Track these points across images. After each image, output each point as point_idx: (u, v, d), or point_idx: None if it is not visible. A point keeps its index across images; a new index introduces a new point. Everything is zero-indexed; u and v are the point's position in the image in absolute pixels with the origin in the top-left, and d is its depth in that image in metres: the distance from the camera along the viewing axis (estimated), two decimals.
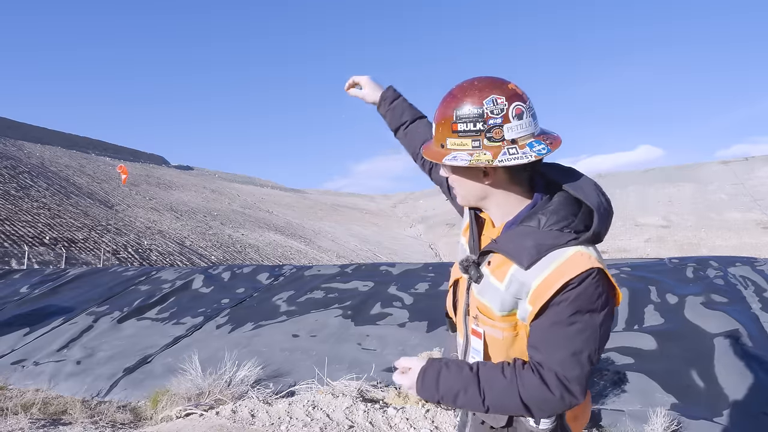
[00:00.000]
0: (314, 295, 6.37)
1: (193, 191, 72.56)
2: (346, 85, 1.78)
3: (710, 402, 3.33)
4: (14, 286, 8.69)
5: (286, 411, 3.64)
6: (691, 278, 5.41)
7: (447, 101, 1.18)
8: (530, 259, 1.12)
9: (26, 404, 4.14)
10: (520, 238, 1.16)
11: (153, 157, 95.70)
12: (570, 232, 1.13)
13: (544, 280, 1.10)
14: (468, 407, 1.19)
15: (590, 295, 1.09)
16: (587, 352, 1.11)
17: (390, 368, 4.37)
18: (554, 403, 1.12)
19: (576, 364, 1.10)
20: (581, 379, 1.11)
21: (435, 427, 3.38)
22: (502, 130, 1.12)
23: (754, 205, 67.27)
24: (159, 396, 4.12)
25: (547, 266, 1.11)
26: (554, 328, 1.11)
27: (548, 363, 1.12)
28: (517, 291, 1.15)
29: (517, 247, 1.15)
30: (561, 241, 1.12)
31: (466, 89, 1.16)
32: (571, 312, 1.09)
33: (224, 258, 40.59)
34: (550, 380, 1.11)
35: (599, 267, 1.10)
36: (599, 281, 1.10)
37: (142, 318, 6.41)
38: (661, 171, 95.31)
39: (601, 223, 1.14)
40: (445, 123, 1.17)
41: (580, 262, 1.10)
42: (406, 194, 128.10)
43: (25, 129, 69.98)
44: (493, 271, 1.20)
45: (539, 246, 1.12)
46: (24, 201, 37.03)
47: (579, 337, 1.10)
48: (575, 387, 1.11)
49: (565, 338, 1.10)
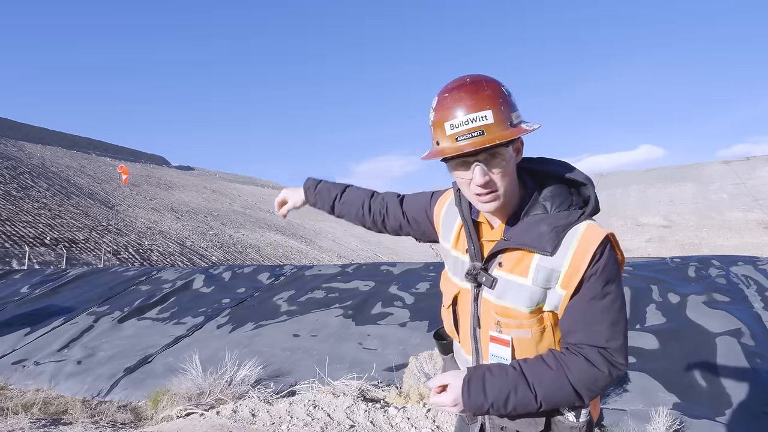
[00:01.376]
0: (315, 294, 6.37)
1: (194, 191, 72.58)
2: (276, 208, 1.82)
3: (712, 401, 3.32)
4: (15, 287, 8.70)
5: (287, 410, 3.63)
6: (693, 277, 5.40)
7: (488, 85, 1.17)
8: (553, 244, 1.15)
9: (27, 404, 4.13)
10: (534, 226, 1.18)
11: (153, 158, 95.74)
12: (576, 209, 1.21)
13: (572, 259, 1.15)
14: (520, 408, 1.16)
15: (612, 263, 1.16)
16: (622, 321, 1.17)
17: (391, 368, 4.36)
18: (604, 380, 1.14)
19: (617, 334, 1.15)
20: (623, 348, 1.16)
21: (436, 427, 3.37)
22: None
23: (756, 204, 67.18)
24: (160, 396, 4.12)
25: (569, 246, 1.15)
26: (591, 304, 1.15)
27: (588, 340, 1.15)
28: (545, 280, 1.17)
29: (535, 236, 1.17)
30: (573, 218, 1.18)
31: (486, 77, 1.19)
32: (603, 284, 1.14)
33: (225, 258, 40.59)
34: (595, 358, 1.14)
35: (610, 233, 1.18)
36: (613, 248, 1.17)
37: (142, 318, 6.40)
38: (663, 171, 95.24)
39: (595, 192, 1.23)
40: (503, 102, 1.16)
41: (595, 233, 1.16)
42: None
43: (26, 129, 70.03)
44: (512, 269, 1.20)
45: (556, 228, 1.17)
46: (25, 201, 37.06)
47: (613, 307, 1.15)
48: (620, 358, 1.15)
49: (602, 311, 1.15)
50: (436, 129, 1.19)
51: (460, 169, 1.20)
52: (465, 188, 1.23)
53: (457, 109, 1.15)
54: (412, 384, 3.90)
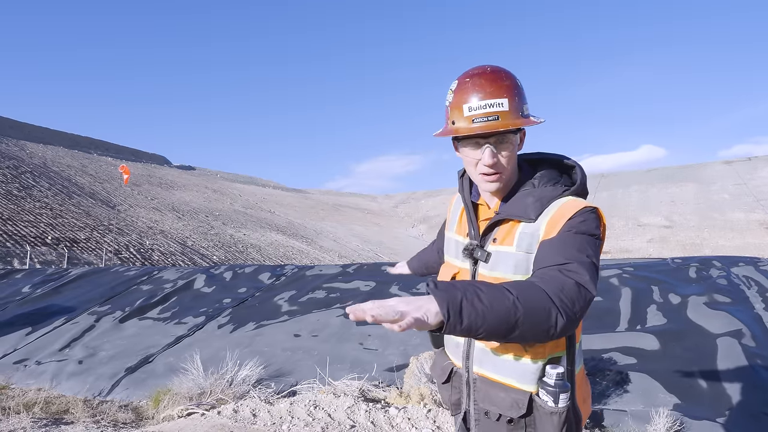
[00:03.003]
0: (316, 294, 6.37)
1: (195, 191, 72.62)
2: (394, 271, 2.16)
3: (713, 402, 3.32)
4: (16, 286, 8.71)
5: (288, 411, 3.63)
6: (694, 278, 5.39)
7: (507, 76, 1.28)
8: (536, 212, 1.26)
9: (28, 403, 4.14)
10: (521, 199, 1.30)
11: (155, 157, 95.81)
12: (562, 186, 1.31)
13: (551, 219, 1.24)
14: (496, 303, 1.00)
15: (591, 222, 1.21)
16: (594, 259, 1.17)
17: (391, 368, 4.37)
18: (571, 288, 1.08)
19: (585, 257, 1.15)
20: (590, 270, 1.14)
21: (437, 427, 3.37)
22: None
23: (757, 205, 67.07)
24: (161, 395, 4.12)
25: (550, 212, 1.25)
26: (562, 237, 1.19)
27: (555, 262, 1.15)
28: (528, 244, 1.25)
29: (521, 207, 1.28)
30: (557, 192, 1.29)
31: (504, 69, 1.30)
32: (576, 231, 1.20)
33: (226, 258, 40.62)
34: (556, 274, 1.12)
35: (592, 206, 1.24)
36: (597, 217, 1.24)
37: (143, 318, 6.41)
38: (664, 171, 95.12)
39: (583, 175, 1.33)
40: (518, 93, 1.28)
41: (578, 203, 1.25)
42: (407, 194, 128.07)
43: (28, 129, 70.12)
44: (502, 241, 1.29)
45: (541, 199, 1.27)
46: (26, 201, 37.11)
47: (587, 246, 1.18)
48: (584, 275, 1.12)
49: (574, 242, 1.18)
50: (453, 110, 1.29)
51: (470, 147, 1.30)
52: (471, 168, 1.33)
53: (477, 93, 1.25)
54: (413, 384, 3.91)
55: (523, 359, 1.25)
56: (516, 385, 1.26)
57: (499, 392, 1.28)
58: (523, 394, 1.25)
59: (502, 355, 1.28)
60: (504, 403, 1.27)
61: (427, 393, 3.72)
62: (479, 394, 1.33)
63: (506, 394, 1.27)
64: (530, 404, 1.24)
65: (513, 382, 1.27)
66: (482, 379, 1.32)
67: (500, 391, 1.28)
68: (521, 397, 1.25)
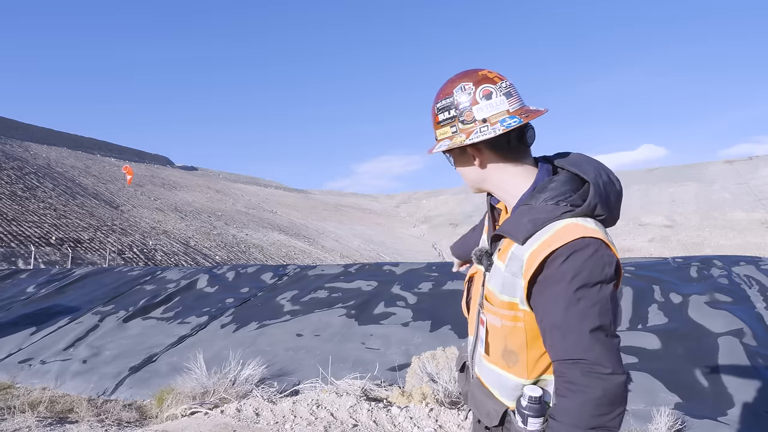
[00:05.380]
0: (318, 294, 6.39)
1: (198, 191, 72.73)
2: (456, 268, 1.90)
3: (714, 401, 3.33)
4: (21, 286, 8.76)
5: (291, 410, 3.65)
6: (695, 278, 5.40)
7: (434, 99, 1.29)
8: (526, 234, 1.13)
9: (33, 402, 4.17)
10: (519, 216, 1.18)
11: (158, 158, 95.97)
12: (565, 205, 1.14)
13: (533, 252, 1.11)
14: None
15: (590, 264, 1.06)
16: (603, 325, 1.05)
17: (393, 367, 4.39)
18: (602, 399, 1.02)
19: (593, 341, 1.04)
20: (606, 353, 1.03)
21: (439, 426, 3.39)
22: (471, 111, 1.20)
23: (759, 204, 66.87)
24: (164, 394, 4.15)
25: (538, 239, 1.11)
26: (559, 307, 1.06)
27: (564, 355, 1.06)
28: (514, 269, 1.15)
29: (515, 225, 1.17)
30: (555, 213, 1.12)
31: (443, 85, 1.27)
32: (575, 286, 1.05)
33: (228, 258, 40.68)
34: (577, 379, 1.04)
35: (594, 236, 1.08)
36: (598, 250, 1.07)
37: (147, 317, 6.44)
38: (665, 170, 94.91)
39: (597, 196, 1.13)
40: (432, 118, 1.28)
41: (571, 231, 1.08)
42: (409, 194, 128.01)
43: (31, 130, 70.32)
44: (500, 256, 1.22)
45: (535, 221, 1.13)
46: (30, 202, 37.22)
47: (590, 313, 1.04)
48: (605, 367, 1.02)
49: (575, 317, 1.05)
50: None
51: None
52: None
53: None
54: (415, 384, 3.92)
55: (506, 374, 1.22)
56: (497, 396, 1.24)
57: (483, 397, 1.28)
58: (500, 405, 1.23)
59: (490, 364, 1.27)
60: (483, 408, 1.27)
61: (429, 392, 3.73)
62: (472, 394, 1.35)
63: (488, 401, 1.26)
64: (503, 418, 1.22)
65: (495, 392, 1.25)
66: (477, 381, 1.33)
67: (485, 396, 1.28)
68: (498, 408, 1.23)
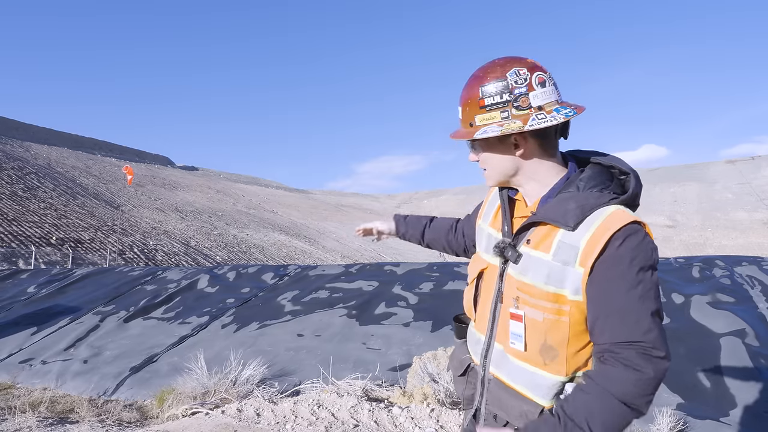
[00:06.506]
0: (319, 294, 6.38)
1: (198, 191, 72.78)
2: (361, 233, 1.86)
3: (716, 402, 3.32)
4: (22, 286, 8.76)
5: (292, 410, 3.65)
6: (697, 278, 5.38)
7: (471, 82, 1.22)
8: (576, 219, 1.13)
9: (34, 402, 4.17)
10: (562, 203, 1.17)
11: (158, 158, 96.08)
12: (609, 193, 1.18)
13: (592, 236, 1.10)
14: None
15: (643, 248, 1.09)
16: (658, 310, 1.08)
17: (395, 367, 4.38)
18: (651, 383, 1.05)
19: (654, 324, 1.06)
20: (661, 337, 1.06)
21: (440, 426, 3.38)
22: (528, 98, 1.17)
23: (761, 204, 66.77)
24: (165, 395, 4.14)
25: (592, 223, 1.12)
26: (620, 290, 1.07)
27: (621, 336, 1.07)
28: (565, 257, 1.13)
29: (560, 211, 1.16)
30: (603, 200, 1.15)
31: (487, 68, 1.21)
32: (635, 270, 1.07)
33: (229, 258, 40.69)
34: (633, 359, 1.05)
35: (642, 223, 1.12)
36: (646, 235, 1.11)
37: (148, 317, 6.44)
38: (667, 170, 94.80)
39: (638, 185, 1.19)
40: (471, 102, 1.22)
41: (622, 216, 1.11)
42: (410, 194, 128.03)
43: (32, 130, 70.43)
44: (537, 245, 1.19)
45: (583, 206, 1.14)
46: (31, 202, 37.26)
47: (648, 295, 1.07)
48: (660, 350, 1.05)
49: (637, 299, 1.06)
50: None
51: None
52: None
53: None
54: (416, 384, 3.91)
55: (542, 372, 1.18)
56: (529, 396, 1.19)
57: (510, 399, 1.22)
58: (534, 406, 1.17)
59: (521, 362, 1.21)
60: (513, 411, 1.21)
61: (430, 392, 3.73)
62: (491, 395, 1.28)
63: (517, 403, 1.21)
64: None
65: (526, 392, 1.20)
66: (496, 382, 1.27)
67: (512, 397, 1.22)
68: (532, 409, 1.18)
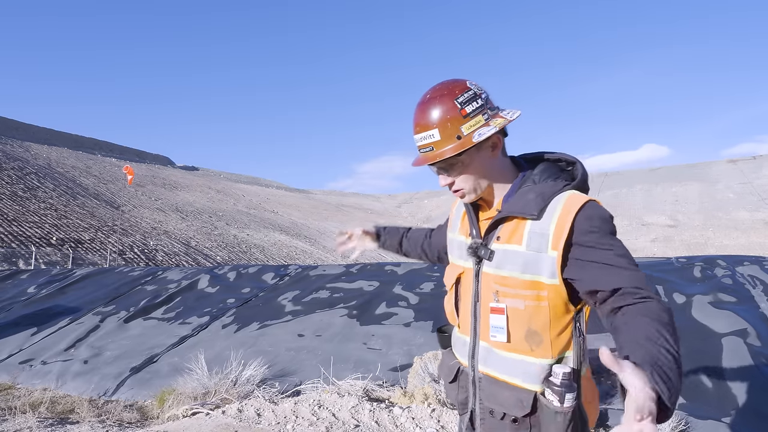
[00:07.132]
0: (319, 294, 6.38)
1: (199, 192, 72.79)
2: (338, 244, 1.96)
3: (718, 402, 3.31)
4: (22, 287, 8.76)
5: (292, 410, 3.64)
6: (699, 278, 5.37)
7: (438, 102, 1.26)
8: (538, 207, 1.23)
9: (34, 403, 4.17)
10: (522, 196, 1.29)
11: (158, 158, 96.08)
12: (563, 181, 1.30)
13: (558, 220, 1.21)
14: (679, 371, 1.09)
15: (604, 219, 1.21)
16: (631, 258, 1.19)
17: (395, 368, 4.37)
18: (670, 311, 1.18)
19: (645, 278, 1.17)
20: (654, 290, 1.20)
21: (441, 427, 3.37)
22: (491, 99, 1.30)
23: (762, 204, 66.73)
24: (165, 395, 4.14)
25: (554, 209, 1.23)
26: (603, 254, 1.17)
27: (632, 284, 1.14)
28: (537, 245, 1.22)
29: (522, 203, 1.27)
30: (558, 187, 1.27)
31: (446, 85, 1.28)
32: (604, 238, 1.19)
33: (229, 258, 40.70)
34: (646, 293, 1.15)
35: (596, 199, 1.24)
36: (603, 209, 1.23)
37: (148, 318, 6.44)
38: (668, 170, 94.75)
39: (584, 172, 1.32)
40: (451, 118, 1.25)
41: (579, 198, 1.23)
42: (410, 194, 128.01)
43: (32, 130, 70.45)
44: (509, 239, 1.28)
45: (542, 194, 1.25)
46: (31, 202, 37.27)
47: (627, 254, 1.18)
48: (659, 298, 1.17)
49: (620, 256, 1.17)
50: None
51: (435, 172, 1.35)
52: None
53: (414, 126, 1.30)
54: (417, 384, 3.91)
55: (529, 358, 1.25)
56: (521, 384, 1.26)
57: (503, 391, 1.28)
58: (527, 393, 1.24)
59: (507, 353, 1.28)
60: (508, 401, 1.26)
61: (431, 393, 3.72)
62: (484, 393, 1.33)
63: (511, 393, 1.26)
64: (535, 403, 1.23)
65: (517, 381, 1.26)
66: (487, 378, 1.32)
67: (505, 389, 1.28)
68: (526, 395, 1.24)
